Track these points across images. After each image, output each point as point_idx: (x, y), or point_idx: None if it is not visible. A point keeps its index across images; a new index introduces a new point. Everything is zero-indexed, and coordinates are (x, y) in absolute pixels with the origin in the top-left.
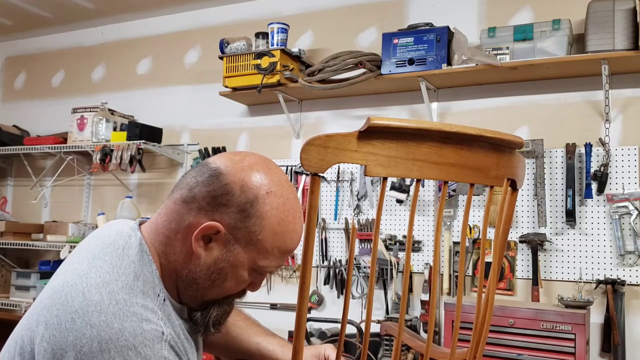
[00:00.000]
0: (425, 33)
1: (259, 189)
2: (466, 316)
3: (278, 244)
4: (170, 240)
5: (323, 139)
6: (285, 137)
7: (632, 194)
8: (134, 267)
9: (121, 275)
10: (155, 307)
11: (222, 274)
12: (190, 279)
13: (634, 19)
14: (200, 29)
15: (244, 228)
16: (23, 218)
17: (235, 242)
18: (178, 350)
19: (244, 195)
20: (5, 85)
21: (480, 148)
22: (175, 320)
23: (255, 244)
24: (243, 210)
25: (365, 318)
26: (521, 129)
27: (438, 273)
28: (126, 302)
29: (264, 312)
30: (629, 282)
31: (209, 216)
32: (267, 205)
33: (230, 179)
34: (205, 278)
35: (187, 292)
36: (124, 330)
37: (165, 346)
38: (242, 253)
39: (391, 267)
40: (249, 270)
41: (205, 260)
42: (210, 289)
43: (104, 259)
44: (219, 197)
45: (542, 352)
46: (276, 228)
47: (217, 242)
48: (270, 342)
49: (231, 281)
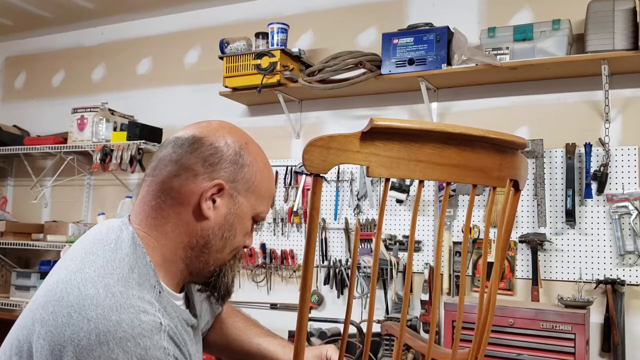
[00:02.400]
0: (425, 33)
1: (239, 141)
2: (466, 316)
3: (267, 187)
4: (167, 219)
5: (325, 139)
6: (285, 137)
7: (632, 194)
8: (128, 259)
9: (116, 268)
10: (152, 299)
11: (232, 229)
12: (202, 244)
13: (634, 19)
14: (200, 29)
15: (242, 178)
16: (23, 218)
17: (237, 194)
18: (177, 340)
19: (231, 149)
20: (5, 85)
21: (483, 149)
22: (173, 312)
23: (253, 191)
24: (235, 162)
25: (367, 318)
26: (521, 129)
27: (439, 273)
28: (122, 294)
29: (264, 312)
30: (628, 282)
31: (208, 177)
32: (250, 153)
33: (212, 139)
34: (218, 238)
35: (200, 259)
36: (121, 322)
37: (164, 337)
38: (245, 202)
39: (391, 267)
40: (250, 220)
41: (216, 220)
42: (224, 247)
43: (97, 254)
44: (210, 157)
45: (542, 352)
46: (264, 173)
47: (222, 198)
48: (271, 342)
49: (239, 234)
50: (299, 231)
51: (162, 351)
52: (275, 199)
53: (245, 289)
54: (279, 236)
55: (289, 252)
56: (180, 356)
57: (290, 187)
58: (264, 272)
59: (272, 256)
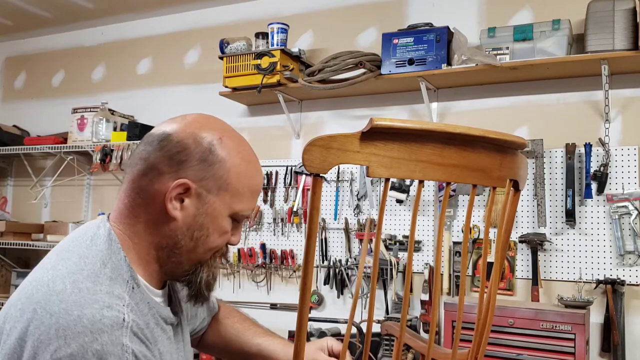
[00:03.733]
0: (425, 33)
1: (211, 136)
2: (466, 316)
3: (247, 184)
4: (138, 218)
5: (325, 139)
6: (285, 137)
7: (632, 194)
8: (101, 255)
9: (87, 264)
10: (122, 294)
11: (203, 229)
12: (171, 246)
13: (634, 19)
14: (200, 29)
15: (211, 176)
16: (23, 218)
17: (207, 193)
18: (143, 338)
19: (200, 146)
20: (5, 85)
21: (484, 149)
22: (146, 308)
23: (226, 189)
24: (204, 160)
25: (367, 318)
26: (521, 129)
27: (439, 273)
28: (89, 290)
29: (264, 312)
30: (628, 282)
31: (173, 177)
32: (224, 149)
33: (181, 135)
34: (188, 238)
35: (171, 260)
36: (82, 317)
37: (125, 332)
38: (217, 201)
39: (391, 267)
40: (228, 219)
41: (184, 220)
42: (196, 248)
43: (73, 251)
44: (177, 155)
45: (542, 352)
46: (240, 168)
47: (190, 198)
48: (271, 341)
49: (214, 234)
50: (299, 231)
51: (120, 348)
52: (275, 199)
53: (245, 289)
54: (279, 236)
55: (289, 252)
56: (146, 353)
57: (290, 187)
58: (264, 272)
59: (272, 256)
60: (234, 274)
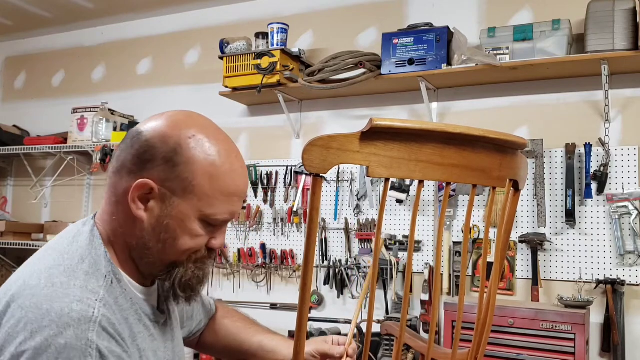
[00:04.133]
0: (425, 33)
1: (180, 135)
2: (466, 316)
3: (219, 187)
4: (113, 216)
5: (325, 139)
6: (285, 137)
7: (632, 194)
8: (81, 251)
9: (65, 260)
10: (97, 288)
11: (170, 231)
12: (141, 246)
13: (634, 19)
14: (200, 29)
15: (175, 178)
16: (23, 218)
17: (172, 195)
18: (114, 333)
19: (166, 145)
20: (5, 85)
21: (484, 149)
22: (126, 304)
23: (192, 192)
24: (169, 160)
25: (367, 318)
26: (521, 129)
27: (439, 273)
28: (63, 284)
29: (264, 312)
30: (628, 282)
31: (138, 176)
32: (192, 149)
33: (150, 134)
34: (155, 240)
35: (144, 261)
36: (51, 311)
37: (93, 327)
38: (183, 204)
39: (391, 267)
40: (199, 222)
41: (149, 221)
42: (165, 250)
43: (55, 248)
44: (143, 155)
45: (542, 352)
46: (210, 170)
47: (154, 200)
48: (273, 338)
49: (184, 237)
50: (299, 231)
51: (85, 342)
52: (275, 199)
53: (245, 289)
54: (279, 236)
55: (289, 252)
56: (114, 349)
57: (290, 187)
58: (264, 272)
59: (272, 256)
60: (234, 274)
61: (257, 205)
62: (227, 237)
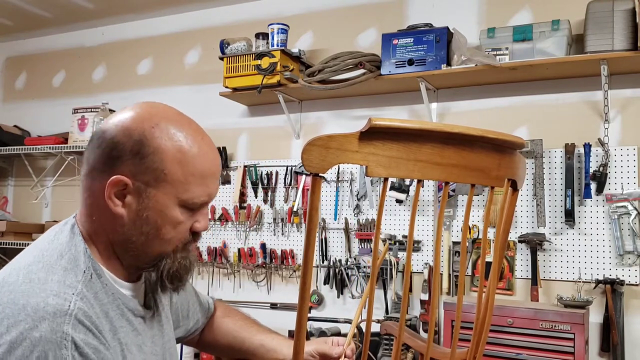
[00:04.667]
0: (424, 33)
1: (144, 126)
2: (466, 316)
3: (191, 171)
4: (93, 217)
5: (324, 139)
6: (285, 137)
7: (631, 194)
8: (60, 248)
9: (44, 256)
10: (75, 283)
11: (151, 223)
12: (124, 241)
13: (633, 19)
14: (200, 30)
15: (146, 169)
16: (24, 218)
17: (146, 187)
18: (91, 326)
19: (131, 139)
20: (6, 86)
21: (482, 149)
22: (106, 298)
23: (166, 180)
24: (136, 153)
25: (367, 317)
26: (520, 129)
27: (439, 273)
28: (40, 280)
29: (264, 312)
30: (627, 282)
31: (110, 174)
32: (157, 138)
33: (114, 131)
34: (137, 234)
35: (129, 254)
36: (27, 306)
37: (68, 320)
38: (159, 194)
39: (391, 267)
40: (179, 208)
41: (129, 216)
42: (149, 242)
43: (36, 245)
44: (111, 153)
45: (541, 352)
46: (178, 156)
47: (130, 194)
48: (274, 338)
49: (165, 227)
50: (299, 231)
51: (60, 335)
52: (275, 199)
53: (245, 288)
54: (279, 236)
55: (289, 252)
56: (91, 342)
57: (290, 187)
58: (264, 272)
59: (272, 256)
60: (234, 274)
61: (257, 205)
62: (227, 237)
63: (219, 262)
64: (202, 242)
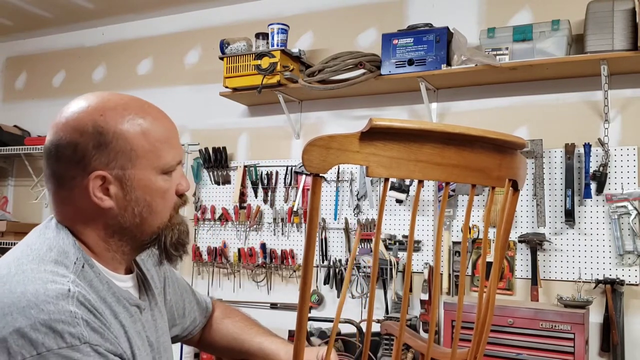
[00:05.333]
0: (424, 33)
1: (92, 118)
2: (466, 316)
3: (156, 138)
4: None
5: (325, 139)
6: (285, 137)
7: (631, 194)
8: (49, 242)
9: (33, 250)
10: (67, 273)
11: (141, 202)
12: (119, 231)
13: (633, 19)
14: (200, 30)
15: (115, 155)
16: (24, 218)
17: (124, 170)
18: (92, 308)
19: (87, 135)
20: (6, 86)
21: (483, 149)
22: (102, 286)
23: (138, 156)
24: (99, 145)
25: (367, 317)
26: (520, 129)
27: (439, 273)
28: (33, 270)
29: (264, 312)
30: (627, 281)
31: (84, 176)
32: (111, 121)
33: (64, 137)
34: (131, 218)
35: (124, 239)
36: (26, 293)
37: (72, 302)
38: (138, 171)
39: (391, 267)
40: (160, 177)
41: (119, 205)
42: (144, 221)
43: (23, 242)
44: (73, 157)
45: (542, 352)
46: (138, 130)
47: (112, 185)
48: (273, 341)
49: (155, 199)
50: (299, 231)
51: (69, 315)
52: (275, 199)
53: (245, 288)
54: (279, 236)
55: (289, 252)
56: (96, 321)
57: (290, 187)
58: (264, 272)
59: (272, 256)
60: (234, 274)
61: (257, 205)
62: (227, 237)
63: (219, 262)
64: (202, 242)
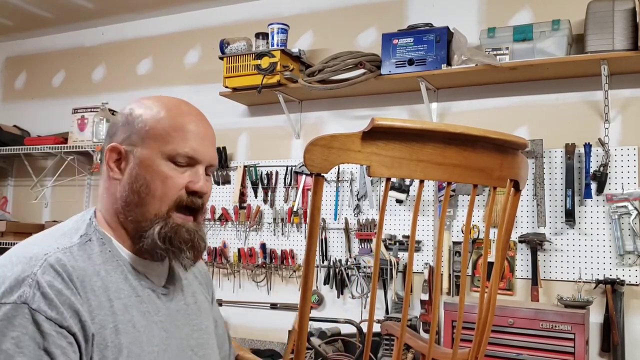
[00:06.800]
0: (425, 33)
1: (130, 104)
2: (466, 316)
3: (169, 124)
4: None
5: (327, 139)
6: (285, 137)
7: (632, 194)
8: (69, 223)
9: (53, 230)
10: (66, 242)
11: (140, 179)
12: (123, 205)
13: (634, 19)
14: (200, 30)
15: (132, 132)
16: (23, 218)
17: (134, 147)
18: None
19: (122, 115)
20: (5, 86)
21: (484, 149)
22: (100, 259)
23: (148, 136)
24: (125, 123)
25: (368, 318)
26: (521, 129)
27: (440, 273)
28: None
29: (264, 312)
30: (628, 282)
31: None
32: (141, 107)
33: (115, 118)
34: (132, 194)
35: (128, 219)
36: (12, 256)
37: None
38: (144, 150)
39: (391, 267)
40: (165, 162)
41: (125, 179)
42: (142, 201)
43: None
44: (109, 132)
45: (542, 352)
46: (159, 115)
47: (124, 160)
48: None
49: (155, 181)
50: (299, 231)
51: (27, 275)
52: (275, 199)
53: (245, 288)
54: (279, 236)
55: (289, 252)
56: (57, 286)
57: (290, 187)
58: (264, 272)
59: (272, 256)
60: (234, 274)
61: (257, 205)
62: (227, 237)
63: (219, 262)
64: None
